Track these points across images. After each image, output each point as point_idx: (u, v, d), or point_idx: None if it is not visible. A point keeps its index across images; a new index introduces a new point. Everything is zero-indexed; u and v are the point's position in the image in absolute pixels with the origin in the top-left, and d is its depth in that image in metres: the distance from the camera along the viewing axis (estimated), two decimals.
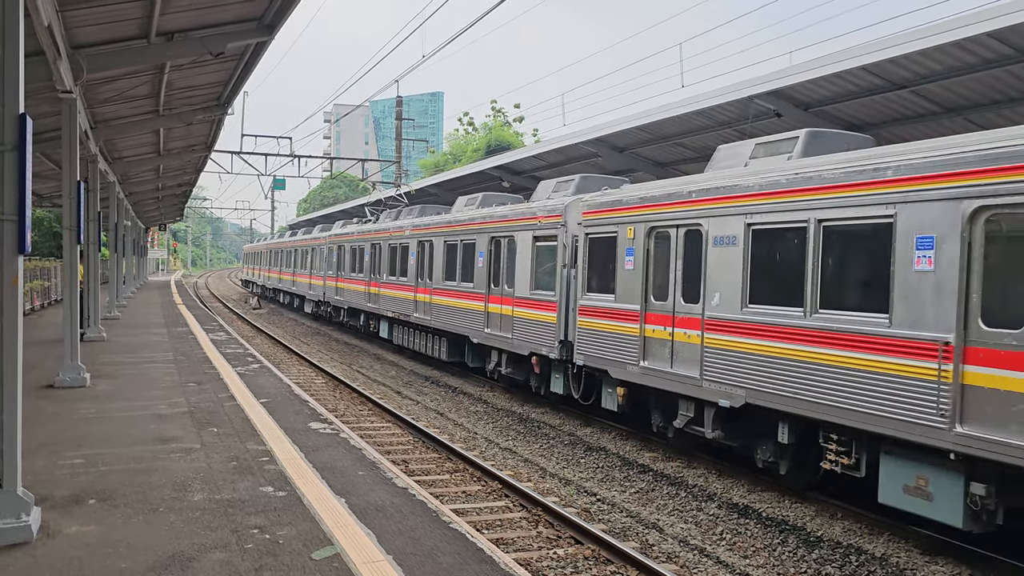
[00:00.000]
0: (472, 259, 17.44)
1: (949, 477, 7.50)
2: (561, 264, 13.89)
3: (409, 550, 5.80)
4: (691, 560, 8.05)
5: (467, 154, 52.96)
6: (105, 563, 5.35)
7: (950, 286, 7.38)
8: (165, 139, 21.40)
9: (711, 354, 10.30)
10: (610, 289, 12.50)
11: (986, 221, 7.18)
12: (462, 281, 17.95)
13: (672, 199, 11.24)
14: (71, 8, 10.09)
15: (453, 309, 18.29)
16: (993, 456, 6.91)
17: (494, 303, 16.36)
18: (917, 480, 7.83)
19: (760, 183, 9.70)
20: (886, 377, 7.95)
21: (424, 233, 20.54)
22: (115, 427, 9.41)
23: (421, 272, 20.56)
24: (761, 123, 14.78)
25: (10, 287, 5.68)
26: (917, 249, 7.77)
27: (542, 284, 14.64)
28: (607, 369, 12.46)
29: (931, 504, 7.67)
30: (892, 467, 8.10)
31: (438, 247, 19.36)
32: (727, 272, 10.10)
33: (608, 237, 12.60)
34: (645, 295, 11.70)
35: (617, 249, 12.34)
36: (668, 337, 11.19)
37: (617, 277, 12.32)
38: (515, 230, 15.55)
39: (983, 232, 7.21)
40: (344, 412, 14.48)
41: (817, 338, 8.79)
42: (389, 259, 23.32)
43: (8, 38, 5.70)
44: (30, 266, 25.75)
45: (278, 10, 11.48)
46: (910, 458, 7.90)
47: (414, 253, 21.16)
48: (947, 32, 10.78)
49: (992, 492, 7.19)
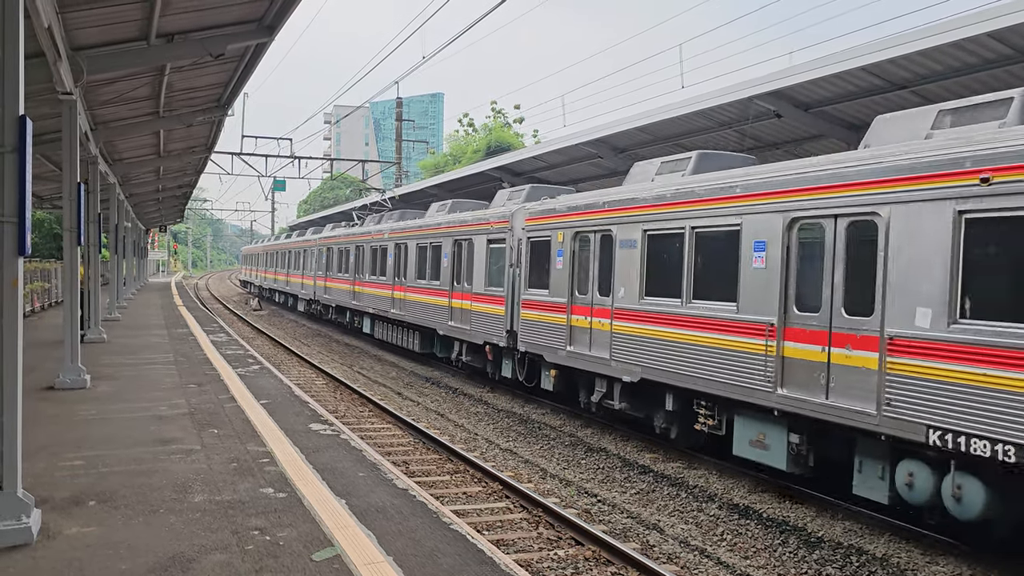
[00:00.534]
0: (439, 260, 19.39)
1: (777, 431, 9.65)
2: (508, 264, 15.77)
3: (410, 551, 5.80)
4: (692, 561, 8.04)
5: (467, 155, 52.97)
6: (105, 564, 5.35)
7: (775, 279, 9.56)
8: (165, 140, 21.41)
9: (618, 339, 12.32)
10: (545, 285, 14.46)
11: (799, 229, 9.41)
12: (431, 280, 19.90)
13: (591, 208, 13.21)
14: (71, 10, 10.10)
15: (424, 305, 20.30)
16: (802, 412, 9.09)
17: (456, 299, 18.35)
18: (758, 435, 9.97)
19: (654, 196, 11.74)
20: (735, 353, 10.06)
21: (400, 236, 22.46)
22: (115, 428, 9.40)
23: (397, 272, 22.43)
24: (761, 124, 14.78)
25: (10, 289, 5.68)
26: (754, 251, 9.96)
27: (494, 281, 16.48)
28: (543, 354, 14.43)
29: (768, 453, 9.79)
30: (742, 426, 10.25)
31: (412, 249, 21.34)
32: (630, 270, 12.11)
33: (544, 240, 14.59)
34: (571, 290, 13.67)
35: (551, 251, 14.36)
36: (588, 325, 13.13)
37: (550, 275, 14.31)
38: (473, 234, 17.50)
39: (796, 237, 9.43)
40: (344, 413, 14.47)
41: (690, 323, 10.88)
42: (370, 260, 25.24)
43: (8, 40, 5.70)
44: (30, 268, 25.76)
45: (278, 11, 11.48)
46: (753, 418, 10.02)
47: (391, 255, 23.09)
48: (947, 32, 10.78)
49: (804, 440, 9.36)
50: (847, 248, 8.71)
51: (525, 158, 23.29)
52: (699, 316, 10.67)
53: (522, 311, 15.13)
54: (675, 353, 11.07)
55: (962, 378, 7.37)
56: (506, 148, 46.14)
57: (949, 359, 7.50)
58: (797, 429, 9.37)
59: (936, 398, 7.59)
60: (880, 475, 8.47)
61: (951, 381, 7.46)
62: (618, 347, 12.26)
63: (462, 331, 17.83)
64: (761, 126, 14.81)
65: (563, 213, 14.04)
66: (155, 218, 53.51)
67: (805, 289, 9.28)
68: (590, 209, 13.28)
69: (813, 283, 9.17)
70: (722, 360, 10.22)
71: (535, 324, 14.69)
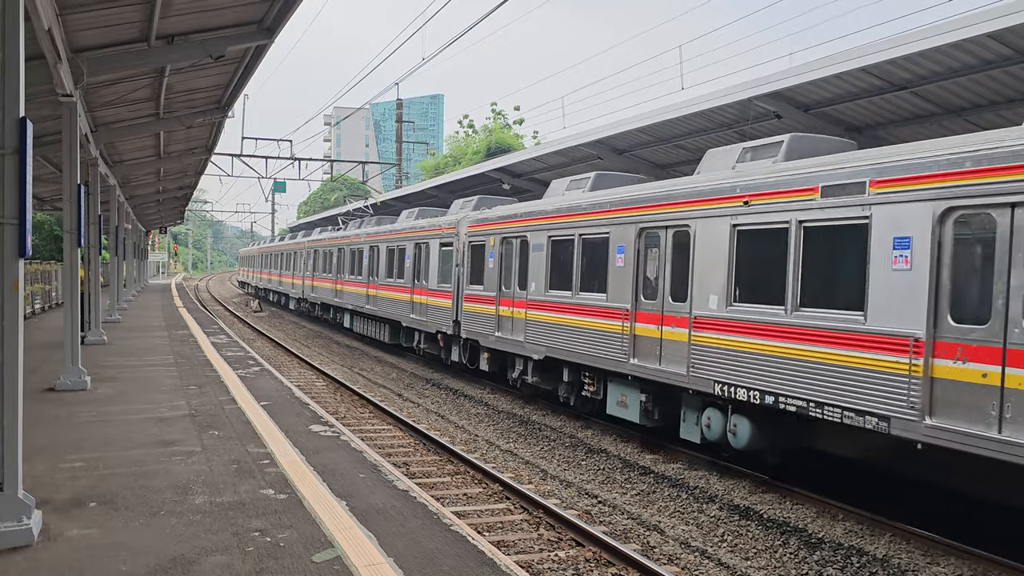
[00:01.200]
0: (404, 261, 22.08)
1: (633, 392, 12.34)
2: (455, 264, 18.40)
3: (410, 553, 5.80)
4: (692, 562, 8.04)
5: (467, 156, 53.01)
6: (106, 566, 5.35)
7: (629, 275, 12.15)
8: (165, 142, 21.42)
9: (530, 324, 14.95)
10: (481, 281, 17.09)
11: (646, 236, 11.79)
12: (397, 278, 22.63)
13: (513, 218, 15.88)
14: (71, 12, 10.11)
15: (392, 300, 23.02)
16: (646, 376, 11.78)
17: (416, 295, 21.03)
18: (621, 396, 12.68)
19: (554, 209, 14.51)
20: (604, 333, 12.72)
21: (374, 240, 25.27)
22: (116, 430, 9.41)
23: (371, 271, 25.22)
24: (761, 124, 14.78)
25: (11, 291, 5.68)
26: (617, 253, 12.48)
27: (444, 279, 19.08)
28: (479, 339, 17.05)
29: (627, 410, 12.46)
30: (613, 390, 12.92)
31: (383, 251, 24.15)
32: (539, 268, 14.73)
33: (480, 244, 17.24)
34: (499, 285, 16.21)
35: (485, 253, 16.96)
36: (510, 315, 15.77)
37: (484, 273, 16.90)
38: (430, 238, 20.22)
39: (644, 243, 11.86)
40: (345, 415, 14.47)
41: (578, 310, 13.49)
42: (350, 261, 28.09)
43: (8, 42, 5.71)
44: (31, 269, 25.77)
45: (278, 14, 11.49)
46: (619, 384, 12.69)
47: (367, 256, 25.85)
48: (946, 33, 10.78)
49: (650, 399, 12.06)
50: (673, 251, 11.29)
51: (525, 159, 23.29)
52: (583, 304, 13.38)
53: (464, 304, 17.77)
54: (568, 335, 13.75)
55: (731, 345, 10.20)
56: (506, 149, 46.16)
57: (725, 331, 10.29)
58: (646, 390, 12.09)
59: (719, 360, 10.37)
60: (695, 422, 11.22)
61: (726, 348, 10.27)
62: (530, 331, 14.96)
63: (421, 322, 20.53)
64: (761, 127, 14.81)
65: (494, 221, 16.71)
66: (155, 220, 53.51)
67: (649, 282, 12.01)
68: (512, 218, 15.92)
69: (653, 277, 11.86)
70: (597, 339, 12.91)
71: (474, 315, 17.38)
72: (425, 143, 70.01)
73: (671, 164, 19.48)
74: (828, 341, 8.82)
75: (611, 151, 19.62)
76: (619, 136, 18.31)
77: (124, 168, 24.14)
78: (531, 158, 22.84)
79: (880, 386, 8.16)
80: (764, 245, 9.84)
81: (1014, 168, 7.11)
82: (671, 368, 11.20)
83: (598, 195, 13.39)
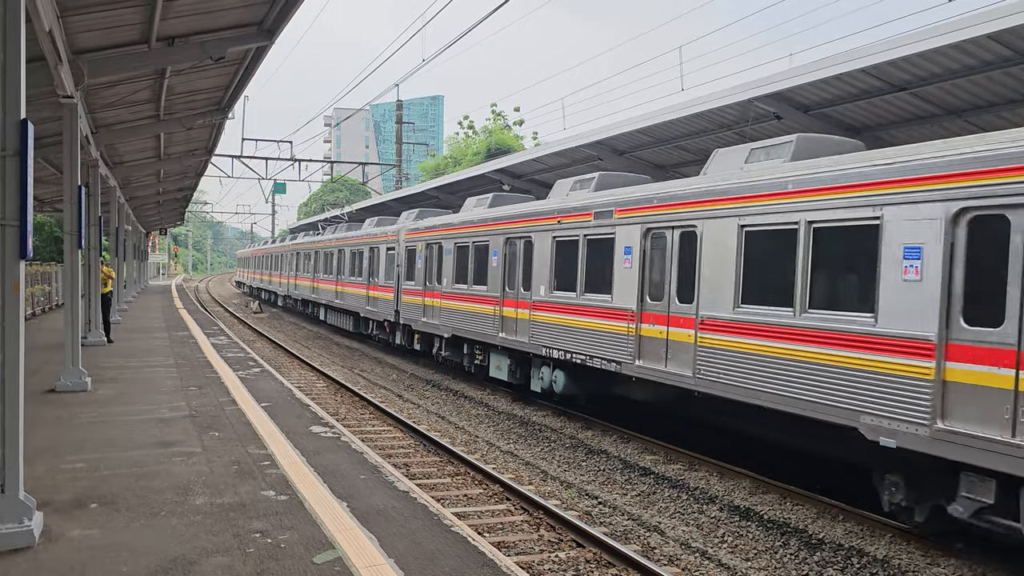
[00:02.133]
0: (362, 261, 26.59)
1: (504, 359, 16.54)
2: (396, 264, 22.97)
3: (411, 554, 5.80)
4: (693, 563, 8.04)
5: (467, 157, 53.04)
6: (107, 567, 5.36)
7: (501, 269, 16.52)
8: (166, 143, 21.44)
9: (443, 311, 19.20)
10: (413, 278, 21.51)
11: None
12: (357, 276, 27.16)
13: (434, 228, 20.38)
14: (72, 14, 10.12)
15: (354, 295, 27.51)
16: (511, 345, 15.77)
17: (371, 290, 25.59)
18: (498, 362, 16.76)
19: (460, 221, 18.72)
20: (485, 315, 16.91)
21: (342, 244, 29.67)
22: (117, 431, 9.41)
23: (340, 271, 29.58)
24: (761, 125, 14.79)
25: (12, 292, 5.69)
26: (492, 255, 16.76)
27: (389, 276, 23.65)
28: (412, 324, 21.35)
29: (501, 372, 16.62)
30: (493, 359, 17.09)
31: (348, 254, 28.57)
32: (449, 267, 18.98)
33: (413, 248, 21.74)
34: (424, 281, 20.56)
35: (416, 255, 21.34)
36: (432, 304, 19.95)
37: (415, 271, 21.30)
38: (380, 244, 24.83)
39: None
40: (345, 416, 14.48)
41: (469, 299, 17.72)
42: (323, 263, 32.43)
43: (9, 43, 5.72)
44: (31, 271, 25.77)
45: (278, 15, 11.51)
46: (497, 353, 16.78)
47: (336, 258, 30.28)
48: (946, 34, 10.77)
49: (515, 362, 16.14)
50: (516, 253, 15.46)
51: (525, 160, 23.29)
52: (473, 294, 17.57)
53: (402, 296, 22.24)
54: (464, 318, 17.98)
55: (553, 320, 14.30)
56: (506, 150, 46.18)
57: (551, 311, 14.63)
58: (511, 356, 16.18)
59: (545, 332, 14.46)
60: (540, 377, 15.08)
61: (551, 323, 14.35)
62: (443, 316, 19.24)
63: (374, 312, 25.10)
64: (761, 128, 14.81)
65: (423, 231, 21.11)
66: (155, 221, 53.51)
67: (514, 276, 16.05)
68: (433, 228, 20.33)
69: (518, 272, 15.90)
70: (480, 319, 17.13)
71: (408, 305, 21.70)
72: (425, 144, 70.06)
73: (672, 165, 19.48)
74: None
75: (611, 152, 19.63)
76: (619, 137, 18.31)
77: (124, 169, 24.16)
78: (531, 159, 22.83)
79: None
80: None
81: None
82: (521, 338, 15.41)
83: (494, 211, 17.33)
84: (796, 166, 9.69)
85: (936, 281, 7.63)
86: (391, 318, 23.11)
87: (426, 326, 20.23)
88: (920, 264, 7.81)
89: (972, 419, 7.23)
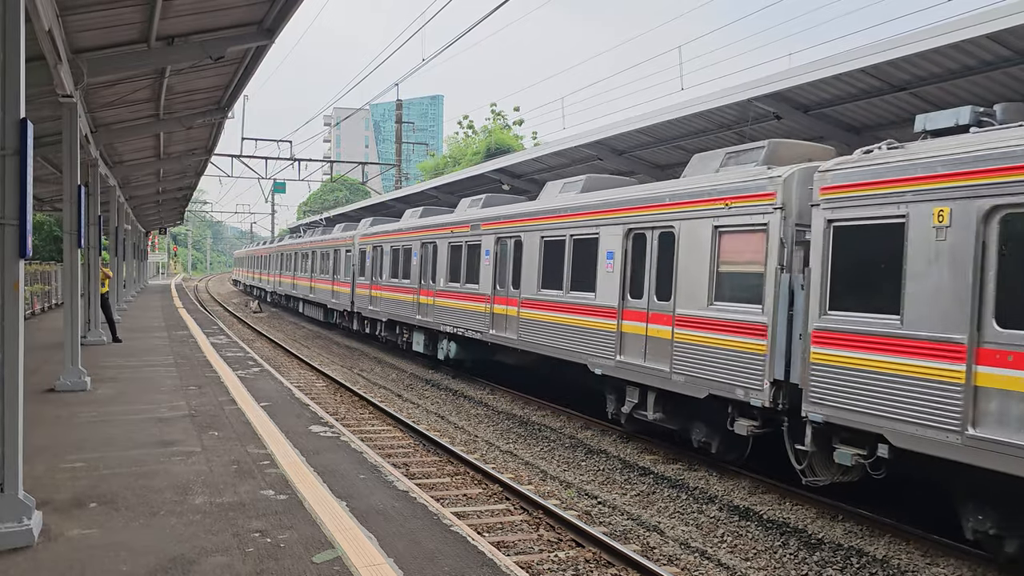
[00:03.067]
0: (328, 261, 31.25)
1: (424, 336, 20.91)
2: (352, 264, 27.71)
3: (410, 553, 5.81)
4: (692, 563, 8.05)
5: (467, 157, 53.01)
6: (106, 566, 5.36)
7: (417, 266, 21.55)
8: (165, 143, 21.43)
9: (381, 300, 24.15)
10: (363, 274, 26.38)
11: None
12: (324, 274, 31.84)
13: (378, 233, 25.28)
14: (72, 13, 10.12)
15: (323, 290, 31.95)
16: (426, 326, 20.43)
17: (335, 286, 30.02)
18: (418, 339, 21.12)
19: (395, 228, 23.96)
20: (408, 302, 21.47)
21: (313, 247, 34.36)
22: (116, 431, 9.41)
23: (312, 269, 34.20)
24: (761, 125, 14.78)
25: (11, 291, 5.69)
26: (414, 256, 21.70)
27: (347, 274, 28.32)
28: (362, 311, 26.37)
29: (419, 346, 20.81)
30: (416, 338, 21.38)
31: (319, 255, 33.12)
32: (387, 266, 23.77)
33: (363, 250, 26.60)
34: (371, 276, 25.22)
35: (367, 256, 26.13)
36: (377, 295, 24.73)
37: (365, 269, 26.14)
38: (341, 246, 29.40)
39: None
40: (345, 415, 14.48)
41: (398, 290, 22.56)
42: (301, 262, 37.23)
43: (9, 43, 5.72)
44: (31, 270, 25.76)
45: (278, 15, 11.50)
46: (419, 332, 21.09)
47: (310, 258, 34.87)
48: (946, 35, 10.77)
49: (431, 339, 20.51)
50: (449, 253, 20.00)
51: (524, 160, 23.28)
52: (399, 286, 22.55)
53: (356, 289, 27.12)
54: (396, 304, 22.64)
55: (442, 304, 19.44)
56: (506, 150, 46.15)
57: (442, 297, 19.52)
58: (426, 334, 20.77)
59: (441, 313, 19.29)
60: (441, 347, 19.47)
61: (443, 306, 19.25)
62: (382, 304, 24.16)
63: (337, 304, 29.70)
64: (761, 128, 14.81)
65: (370, 235, 26.05)
66: (155, 220, 53.47)
67: (427, 271, 20.72)
68: (377, 234, 25.27)
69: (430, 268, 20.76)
70: (405, 306, 21.80)
71: (360, 296, 26.63)
72: (425, 144, 70.09)
73: (672, 165, 19.47)
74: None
75: (611, 152, 19.62)
76: (619, 137, 18.30)
77: (124, 169, 24.14)
78: (530, 159, 22.82)
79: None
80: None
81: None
82: (431, 319, 19.95)
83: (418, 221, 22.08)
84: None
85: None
86: (348, 307, 28.12)
87: (372, 312, 25.32)
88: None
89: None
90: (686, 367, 10.94)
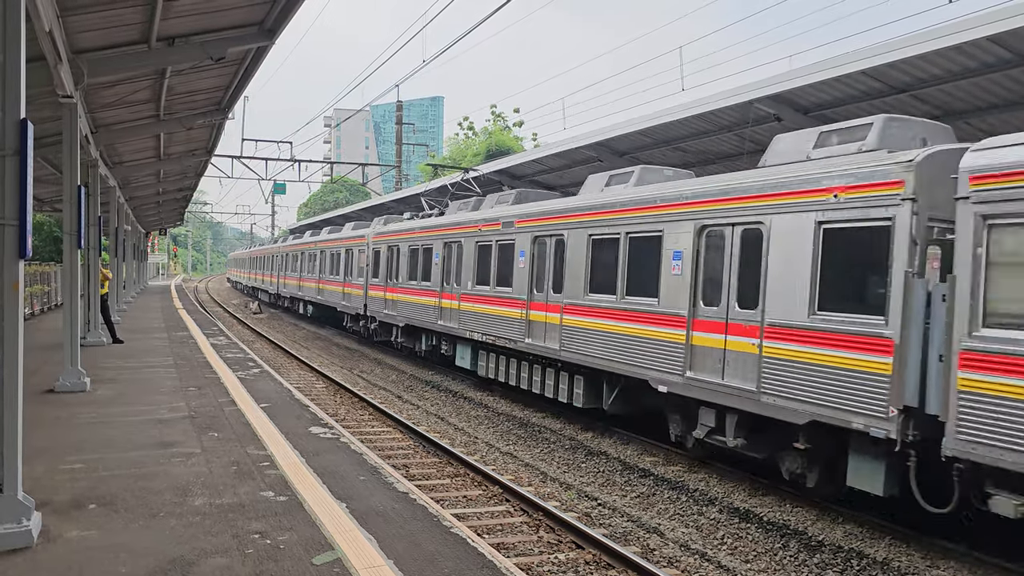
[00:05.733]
0: (339, 262, 30.23)
1: (429, 337, 21.11)
2: (364, 264, 26.61)
3: (410, 555, 5.79)
4: (692, 565, 8.03)
5: (467, 158, 53.00)
6: (105, 568, 5.34)
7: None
8: (166, 144, 21.41)
9: (398, 303, 22.83)
10: (377, 275, 25.02)
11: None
12: (335, 275, 30.65)
13: (389, 232, 24.35)
14: (72, 13, 10.11)
15: (333, 292, 30.88)
16: (449, 332, 19.07)
17: (346, 287, 29.02)
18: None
19: (405, 228, 22.92)
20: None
21: (324, 247, 33.15)
22: (115, 432, 9.39)
23: (320, 270, 33.42)
24: (761, 127, 14.78)
25: (11, 292, 5.68)
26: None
27: (360, 275, 27.15)
28: (376, 315, 25.07)
29: (392, 340, 23.64)
30: (379, 329, 24.64)
31: (328, 255, 32.09)
32: (404, 266, 22.47)
33: (377, 250, 25.30)
34: (385, 278, 24.24)
35: (380, 256, 24.85)
36: (391, 297, 23.56)
37: (379, 270, 24.87)
38: (353, 246, 28.36)
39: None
40: (345, 417, 14.46)
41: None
42: (307, 263, 36.29)
43: (9, 43, 5.71)
44: (30, 271, 25.75)
45: (279, 15, 11.49)
46: (385, 325, 24.45)
47: (318, 259, 33.89)
48: (947, 36, 10.77)
49: (400, 330, 22.94)
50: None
51: (525, 161, 23.29)
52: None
53: (369, 292, 25.81)
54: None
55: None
56: (506, 151, 46.18)
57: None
58: (402, 327, 22.10)
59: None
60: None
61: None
62: (400, 308, 22.54)
63: (347, 306, 28.58)
64: (761, 130, 14.81)
65: (385, 235, 24.68)
66: (155, 221, 53.44)
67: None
68: (393, 232, 23.96)
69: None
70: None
71: (373, 299, 25.38)
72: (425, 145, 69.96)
73: (672, 166, 19.47)
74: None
75: (611, 153, 19.62)
76: (619, 138, 18.31)
77: (124, 169, 24.12)
78: (531, 160, 22.84)
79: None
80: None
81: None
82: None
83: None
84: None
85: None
86: (360, 311, 26.82)
87: (387, 317, 23.84)
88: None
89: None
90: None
